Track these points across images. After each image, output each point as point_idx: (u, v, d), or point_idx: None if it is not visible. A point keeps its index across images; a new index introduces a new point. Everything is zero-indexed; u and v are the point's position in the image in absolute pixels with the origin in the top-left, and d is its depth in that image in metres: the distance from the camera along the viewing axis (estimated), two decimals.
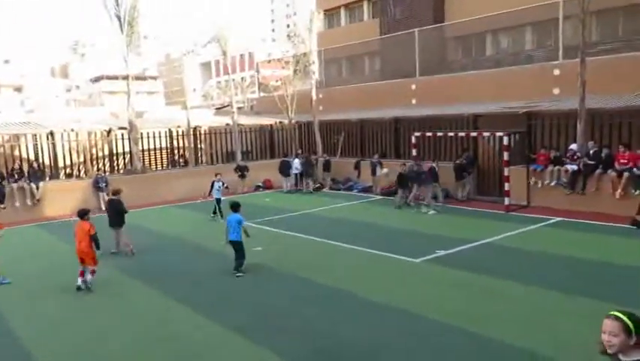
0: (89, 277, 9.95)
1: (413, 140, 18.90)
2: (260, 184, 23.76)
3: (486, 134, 17.52)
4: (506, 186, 16.17)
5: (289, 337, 7.47)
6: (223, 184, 17.35)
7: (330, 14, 38.17)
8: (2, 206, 18.14)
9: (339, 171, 23.71)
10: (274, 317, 8.29)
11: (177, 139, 24.94)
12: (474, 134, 18.02)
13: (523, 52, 23.61)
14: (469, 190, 18.24)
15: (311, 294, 9.34)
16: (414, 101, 23.26)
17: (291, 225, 15.55)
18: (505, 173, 16.18)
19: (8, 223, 17.36)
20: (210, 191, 17.27)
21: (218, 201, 16.63)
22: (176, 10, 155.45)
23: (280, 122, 27.04)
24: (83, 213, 10.20)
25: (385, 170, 20.03)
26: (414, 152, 18.80)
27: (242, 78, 66.17)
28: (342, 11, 37.25)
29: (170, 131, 24.69)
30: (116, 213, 12.85)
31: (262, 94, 37.77)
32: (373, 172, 20.68)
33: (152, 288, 9.98)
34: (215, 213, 16.47)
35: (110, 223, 12.93)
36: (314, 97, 25.32)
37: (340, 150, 25.10)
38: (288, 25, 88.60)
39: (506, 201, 16.14)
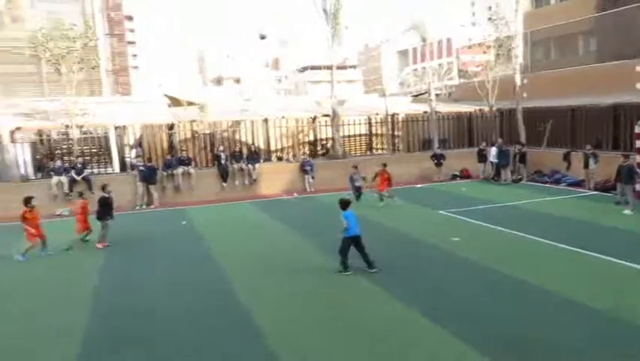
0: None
1: (637, 129, 16.65)
2: (457, 173, 23.27)
3: None
4: None
5: (476, 326, 7.38)
6: (360, 175, 18.27)
7: None
8: (224, 184, 20.83)
9: (544, 162, 22.04)
10: (462, 305, 8.22)
11: (375, 126, 25.70)
12: None
13: None
14: None
15: (504, 287, 9.02)
16: (639, 86, 20.42)
17: (489, 216, 14.96)
18: None
19: (229, 199, 20.03)
20: (350, 181, 18.32)
21: (358, 188, 18.04)
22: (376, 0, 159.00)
23: (480, 110, 26.05)
24: None
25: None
26: (638, 143, 16.57)
27: (439, 65, 65.11)
28: None
29: (369, 119, 25.52)
30: (101, 207, 13.44)
31: (461, 80, 36.77)
32: (586, 164, 18.77)
33: (357, 273, 10.47)
34: (358, 198, 17.62)
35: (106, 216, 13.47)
36: (517, 82, 23.79)
37: (546, 140, 23.25)
38: (490, 8, 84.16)
39: None
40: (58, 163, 19.56)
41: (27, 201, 12.55)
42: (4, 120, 19.78)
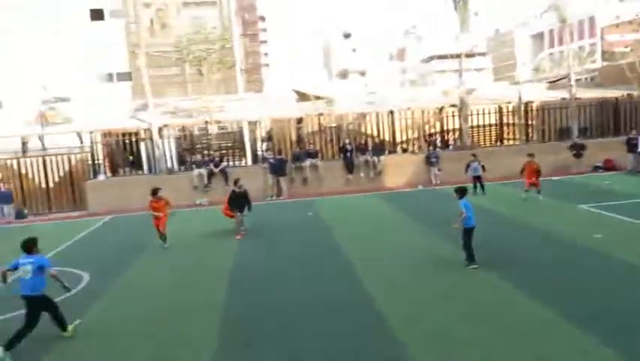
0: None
1: None
2: (599, 165, 21.37)
3: None
4: None
5: (625, 332, 6.75)
6: (479, 163, 17.89)
7: None
8: (350, 176, 21.17)
9: None
10: (606, 309, 7.57)
11: (507, 115, 24.48)
12: None
13: None
14: None
15: None
16: None
17: (637, 212, 13.46)
18: None
19: (354, 190, 20.32)
20: (467, 170, 17.96)
21: (478, 178, 17.71)
22: None
23: (628, 95, 23.64)
24: None
25: None
26: None
27: (579, 47, 60.00)
28: None
29: (499, 108, 24.36)
30: (232, 200, 13.74)
31: (605, 63, 33.61)
32: None
33: (490, 270, 10.10)
34: (475, 188, 17.44)
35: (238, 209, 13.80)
36: None
37: None
38: None
39: None
40: (199, 157, 21.27)
41: (154, 192, 13.43)
42: (154, 118, 21.91)
